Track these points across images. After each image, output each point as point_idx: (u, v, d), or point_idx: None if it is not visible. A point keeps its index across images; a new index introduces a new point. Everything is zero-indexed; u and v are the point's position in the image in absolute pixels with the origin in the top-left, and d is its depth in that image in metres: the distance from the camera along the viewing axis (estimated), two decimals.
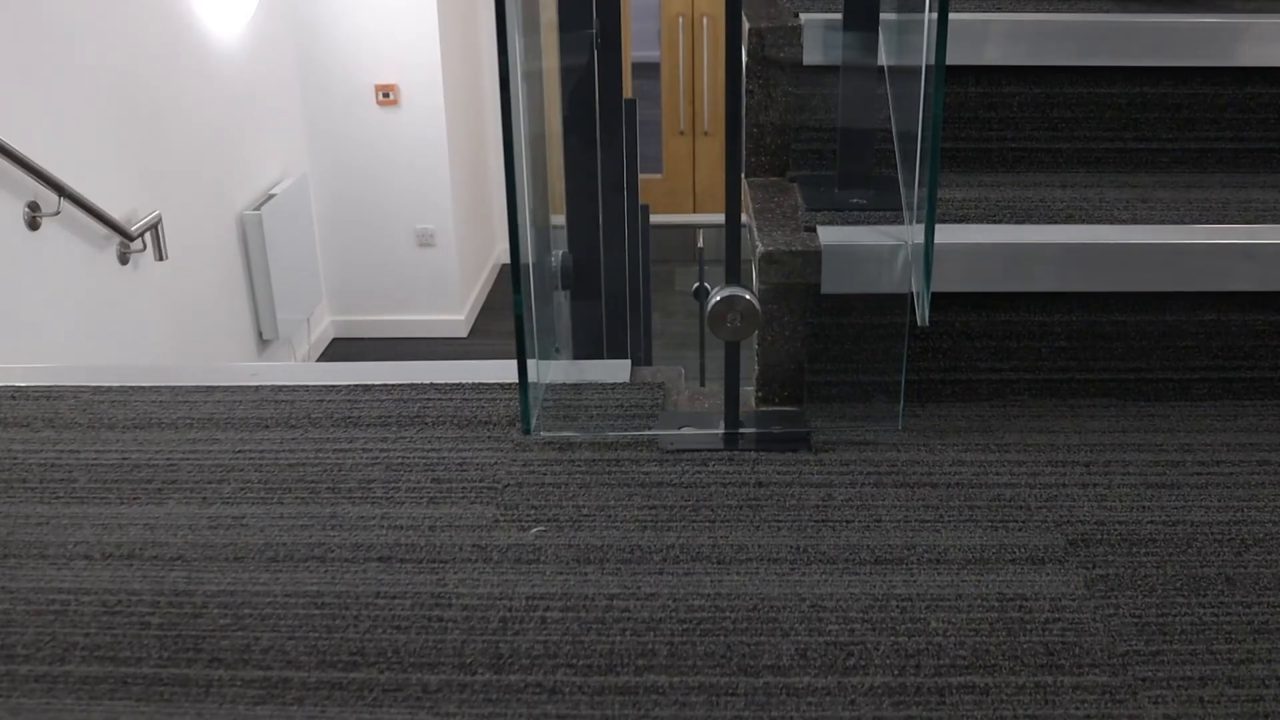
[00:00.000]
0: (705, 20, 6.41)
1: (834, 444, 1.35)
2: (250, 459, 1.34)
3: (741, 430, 1.36)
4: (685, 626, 1.06)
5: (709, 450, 1.34)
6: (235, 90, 4.35)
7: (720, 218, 1.31)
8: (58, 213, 3.11)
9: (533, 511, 1.23)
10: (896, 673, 1.00)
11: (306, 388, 1.50)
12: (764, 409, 1.44)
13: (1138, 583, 1.11)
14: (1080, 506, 1.23)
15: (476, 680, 1.00)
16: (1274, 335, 1.42)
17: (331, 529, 1.21)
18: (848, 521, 1.21)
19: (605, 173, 1.88)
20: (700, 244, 3.84)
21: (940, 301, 1.36)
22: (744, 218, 1.36)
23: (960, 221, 1.41)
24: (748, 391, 1.46)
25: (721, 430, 1.36)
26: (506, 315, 3.66)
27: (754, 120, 1.57)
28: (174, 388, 1.52)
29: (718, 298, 1.27)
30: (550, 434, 1.38)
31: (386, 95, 5.53)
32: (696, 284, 3.23)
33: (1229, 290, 1.40)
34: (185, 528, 1.22)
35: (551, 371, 1.50)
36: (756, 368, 1.45)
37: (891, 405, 1.37)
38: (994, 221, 1.42)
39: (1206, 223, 1.42)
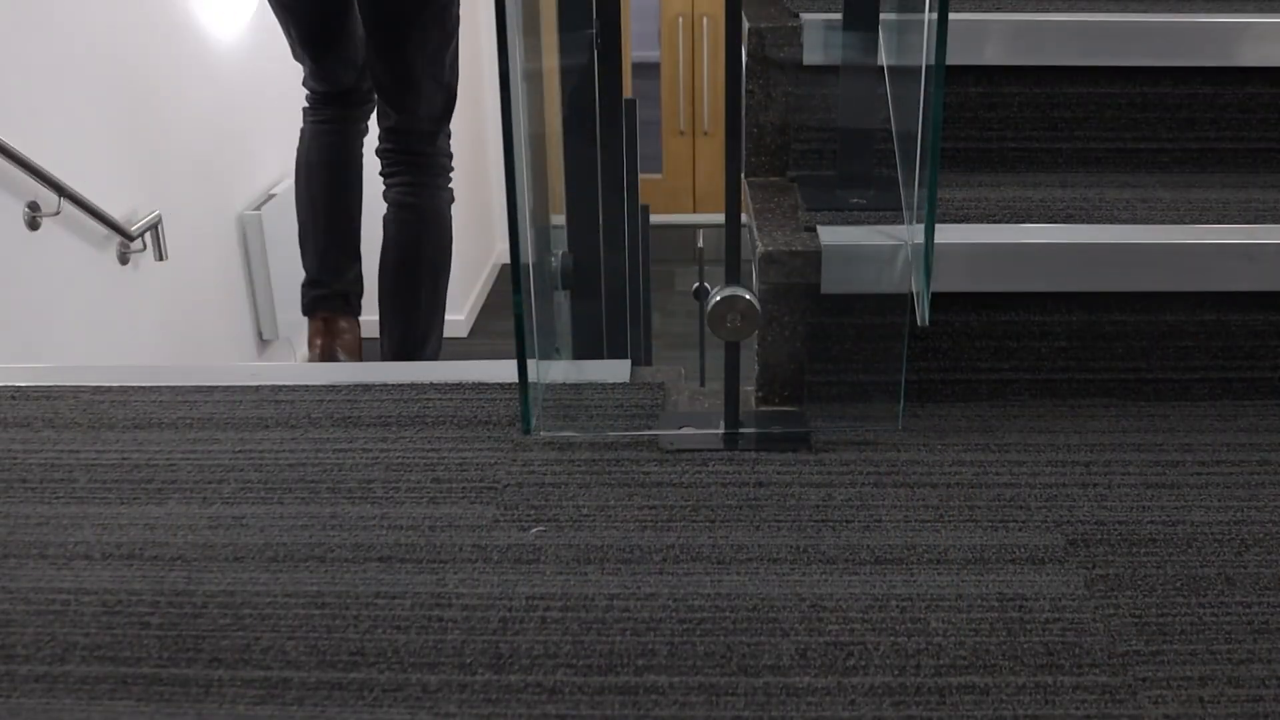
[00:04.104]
0: (705, 20, 6.40)
1: (834, 444, 1.35)
2: (250, 459, 1.34)
3: (741, 430, 1.36)
4: (685, 626, 1.06)
5: (709, 450, 1.34)
6: (235, 90, 4.35)
7: (720, 218, 1.31)
8: (58, 213, 3.11)
9: (533, 511, 1.23)
10: (896, 673, 1.00)
11: (306, 388, 1.50)
12: (764, 409, 1.44)
13: (1138, 583, 1.11)
14: (1080, 506, 1.23)
15: (476, 680, 1.00)
16: (1274, 335, 1.42)
17: (331, 529, 1.21)
18: (848, 521, 1.21)
19: (605, 173, 1.88)
20: (700, 244, 3.83)
21: (940, 301, 1.36)
22: (744, 218, 1.36)
23: (960, 221, 1.41)
24: (748, 391, 1.46)
25: (721, 430, 1.36)
26: (506, 315, 3.66)
27: (754, 120, 1.57)
28: (174, 388, 1.52)
29: (718, 298, 1.27)
30: (550, 434, 1.38)
31: None
32: (696, 284, 3.22)
33: (1229, 290, 1.40)
34: (185, 528, 1.22)
35: (551, 371, 1.50)
36: (756, 368, 1.45)
37: (891, 405, 1.37)
38: (994, 221, 1.42)
39: (1206, 223, 1.42)
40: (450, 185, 2.59)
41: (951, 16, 1.18)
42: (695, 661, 1.02)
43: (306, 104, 2.58)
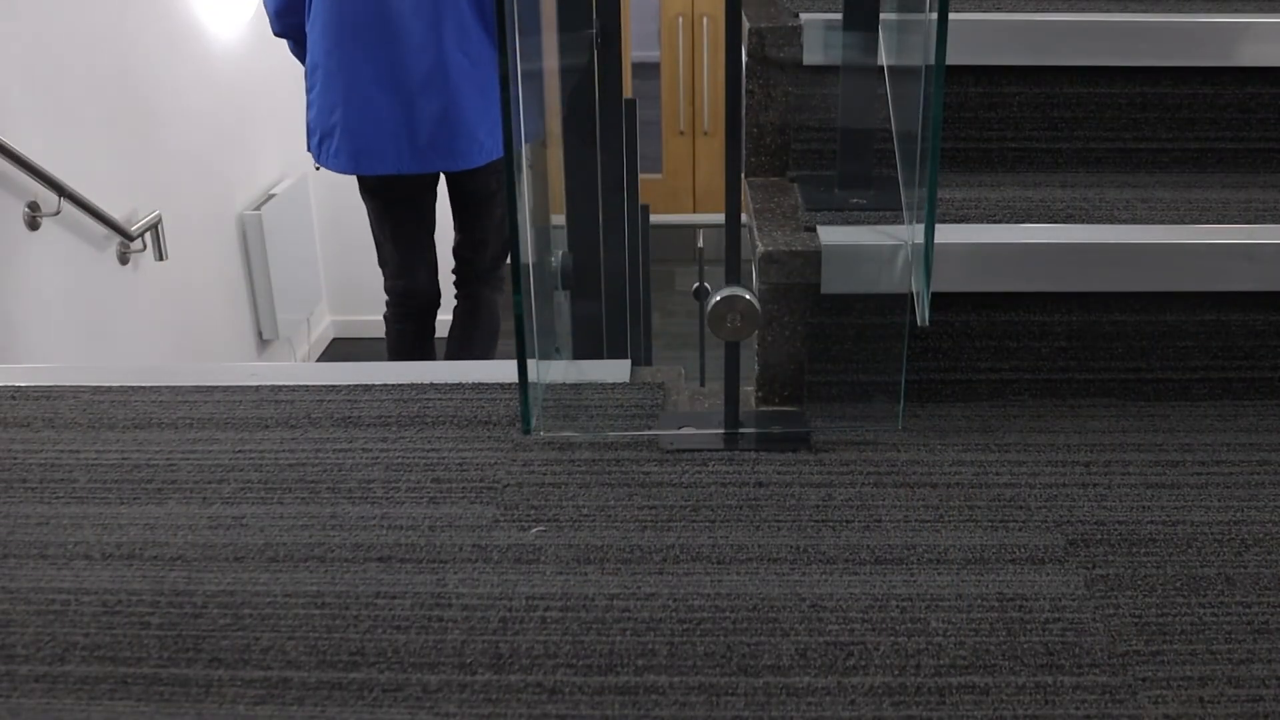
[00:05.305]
0: (705, 20, 6.40)
1: (834, 444, 1.35)
2: (250, 459, 1.34)
3: (741, 430, 1.36)
4: (685, 626, 1.06)
5: (709, 450, 1.34)
6: (235, 90, 4.35)
7: (720, 218, 1.31)
8: (58, 213, 3.11)
9: (533, 511, 1.23)
10: (896, 673, 1.00)
11: (306, 388, 1.50)
12: (764, 409, 1.44)
13: (1138, 583, 1.11)
14: (1080, 506, 1.23)
15: (476, 680, 1.00)
16: (1274, 335, 1.42)
17: (331, 529, 1.21)
18: (848, 521, 1.21)
19: (605, 173, 1.88)
20: (700, 244, 3.83)
21: (940, 301, 1.36)
22: (744, 218, 1.36)
23: (960, 221, 1.41)
24: (748, 391, 1.46)
25: (721, 430, 1.36)
26: (506, 315, 3.69)
27: (754, 120, 1.57)
28: (174, 388, 1.52)
29: (718, 298, 1.27)
30: (550, 434, 1.38)
31: None
32: (696, 284, 3.22)
33: (1229, 290, 1.39)
34: (185, 528, 1.22)
35: (551, 371, 1.50)
36: (756, 368, 1.45)
37: (891, 405, 1.37)
38: (994, 221, 1.42)
39: (1206, 223, 1.42)
40: (503, 290, 3.38)
41: (951, 16, 1.18)
42: (695, 661, 1.02)
43: (387, 309, 3.33)
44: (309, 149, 2.99)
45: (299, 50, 3.03)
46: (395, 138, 2.84)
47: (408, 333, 3.31)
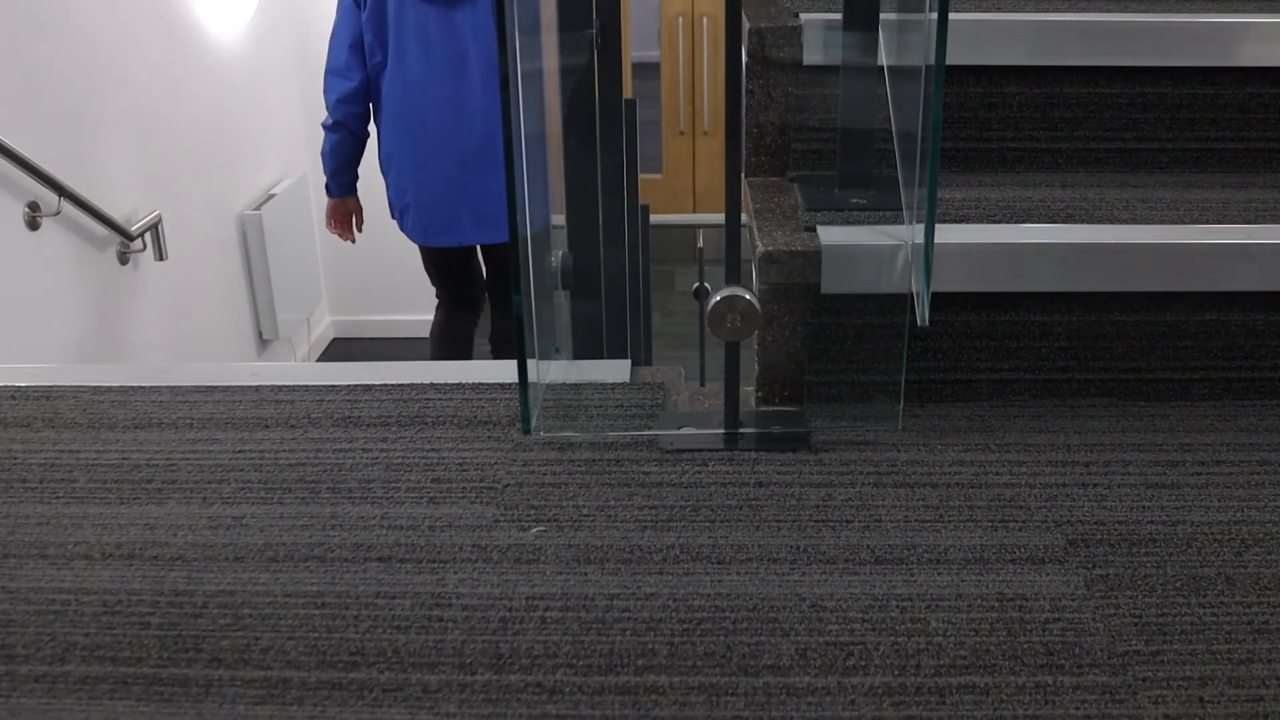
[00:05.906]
0: (705, 20, 6.40)
1: (834, 444, 1.35)
2: (250, 459, 1.34)
3: (741, 430, 1.36)
4: (685, 626, 1.06)
5: (709, 450, 1.34)
6: (235, 90, 4.35)
7: (720, 218, 1.31)
8: (58, 213, 3.10)
9: (533, 511, 1.23)
10: (896, 673, 1.00)
11: (306, 388, 1.50)
12: (764, 409, 1.44)
13: (1138, 583, 1.11)
14: (1080, 506, 1.23)
15: (476, 680, 1.00)
16: (1274, 335, 1.42)
17: (331, 529, 1.21)
18: (848, 521, 1.21)
19: (605, 173, 1.88)
20: (700, 244, 3.83)
21: (940, 301, 1.36)
22: (744, 218, 1.36)
23: (960, 221, 1.41)
24: (748, 391, 1.46)
25: (721, 430, 1.36)
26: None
27: (754, 120, 1.57)
28: (174, 388, 1.52)
29: (718, 298, 1.27)
30: (550, 434, 1.38)
31: None
32: (696, 284, 3.23)
33: (1229, 290, 1.39)
34: (185, 528, 1.22)
35: (551, 371, 1.50)
36: (756, 368, 1.45)
37: (891, 405, 1.37)
38: (994, 221, 1.42)
39: (1206, 223, 1.42)
40: None
41: (951, 16, 1.18)
42: (695, 661, 1.02)
43: (438, 300, 3.80)
44: (393, 217, 3.46)
45: (346, 143, 3.39)
46: (459, 214, 3.35)
47: (451, 317, 3.76)
